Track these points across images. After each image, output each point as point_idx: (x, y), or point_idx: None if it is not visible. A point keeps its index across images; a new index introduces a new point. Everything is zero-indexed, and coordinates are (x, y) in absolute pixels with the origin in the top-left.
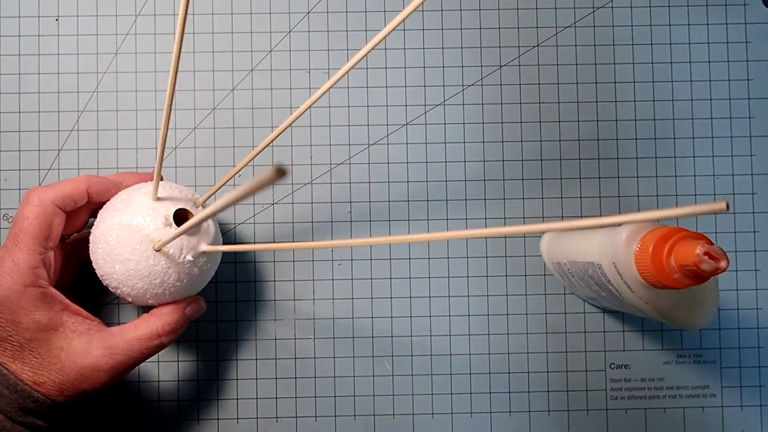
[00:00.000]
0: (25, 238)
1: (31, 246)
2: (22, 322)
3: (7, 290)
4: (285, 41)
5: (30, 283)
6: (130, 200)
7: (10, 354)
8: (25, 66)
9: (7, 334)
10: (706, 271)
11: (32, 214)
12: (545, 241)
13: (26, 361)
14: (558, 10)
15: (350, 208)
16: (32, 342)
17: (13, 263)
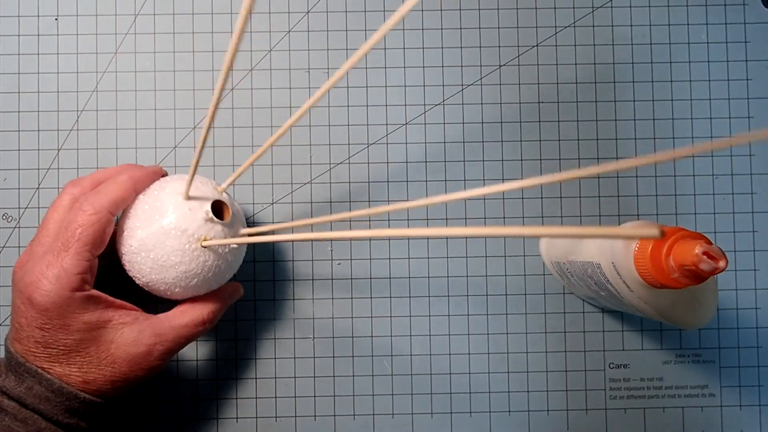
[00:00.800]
0: (77, 245)
1: (82, 254)
2: (72, 325)
3: (55, 296)
4: (284, 41)
5: (77, 288)
6: (162, 203)
7: (54, 358)
8: (25, 65)
9: (52, 340)
10: (705, 270)
11: (87, 222)
12: (544, 240)
13: (73, 363)
14: (557, 9)
15: (350, 208)
16: (82, 343)
17: (62, 269)
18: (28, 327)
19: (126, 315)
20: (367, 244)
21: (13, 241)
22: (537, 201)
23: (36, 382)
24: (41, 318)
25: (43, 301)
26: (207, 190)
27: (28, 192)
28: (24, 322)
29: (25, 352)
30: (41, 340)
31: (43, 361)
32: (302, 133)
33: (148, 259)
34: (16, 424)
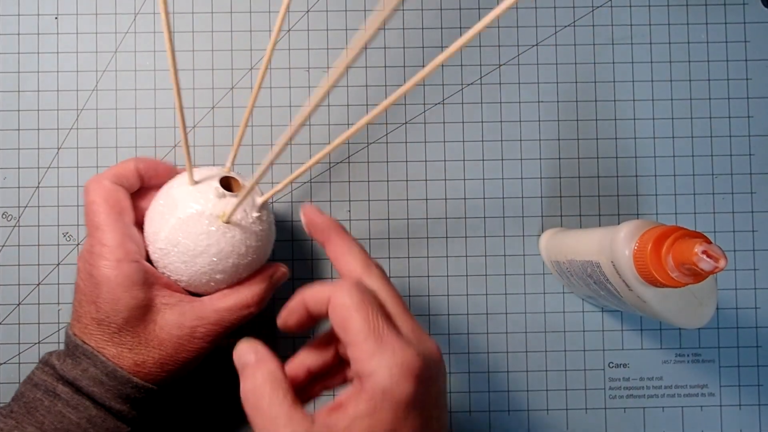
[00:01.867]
0: (99, 218)
1: (109, 223)
2: (121, 298)
3: (104, 270)
4: (284, 40)
5: (123, 257)
6: (173, 198)
7: (108, 337)
8: (24, 64)
9: (105, 316)
10: (705, 270)
11: (96, 197)
12: (544, 240)
13: (125, 343)
14: (557, 9)
15: (349, 207)
16: (129, 321)
17: (101, 244)
18: (86, 303)
19: (170, 296)
20: (366, 244)
21: (13, 240)
22: (537, 200)
23: (91, 364)
24: (95, 292)
25: (95, 275)
26: (214, 172)
27: (27, 191)
28: (83, 299)
29: (83, 332)
30: (96, 316)
31: (98, 341)
32: (302, 133)
33: (178, 254)
34: (68, 410)
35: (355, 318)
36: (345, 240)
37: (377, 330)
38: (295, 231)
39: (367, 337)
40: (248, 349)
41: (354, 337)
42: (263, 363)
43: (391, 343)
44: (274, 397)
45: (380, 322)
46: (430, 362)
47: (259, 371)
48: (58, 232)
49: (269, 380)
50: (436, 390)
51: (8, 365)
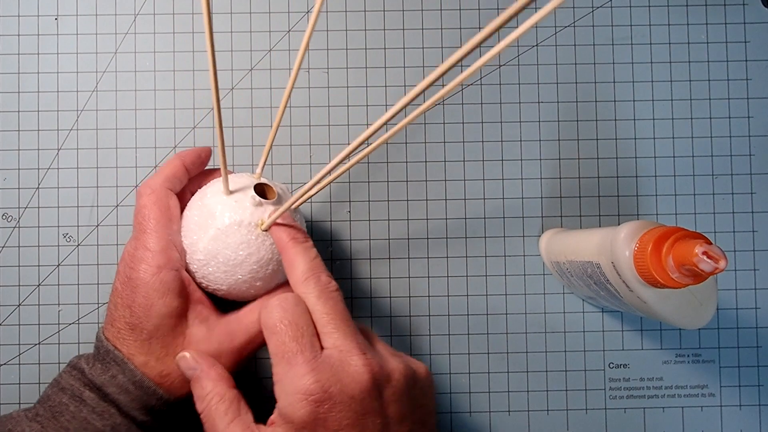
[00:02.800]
0: (148, 223)
1: (157, 229)
2: (155, 305)
3: (143, 274)
4: (284, 40)
5: (164, 264)
6: (208, 208)
7: (139, 344)
8: (24, 65)
9: (138, 321)
10: (705, 270)
11: (149, 201)
12: (544, 240)
13: (153, 352)
14: (557, 9)
15: (349, 208)
16: (159, 329)
17: (145, 249)
18: (121, 306)
19: (201, 310)
20: (366, 245)
21: (13, 241)
22: (537, 201)
23: (120, 371)
24: (131, 295)
25: (133, 278)
26: (245, 181)
27: (28, 192)
28: (119, 302)
29: (115, 336)
30: (129, 321)
31: (130, 346)
32: (302, 133)
33: (218, 264)
34: (93, 416)
35: (271, 340)
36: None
37: (287, 354)
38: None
39: (279, 361)
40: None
41: (272, 359)
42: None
43: (296, 368)
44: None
45: (293, 345)
46: (342, 384)
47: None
48: (59, 233)
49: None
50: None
51: (8, 366)
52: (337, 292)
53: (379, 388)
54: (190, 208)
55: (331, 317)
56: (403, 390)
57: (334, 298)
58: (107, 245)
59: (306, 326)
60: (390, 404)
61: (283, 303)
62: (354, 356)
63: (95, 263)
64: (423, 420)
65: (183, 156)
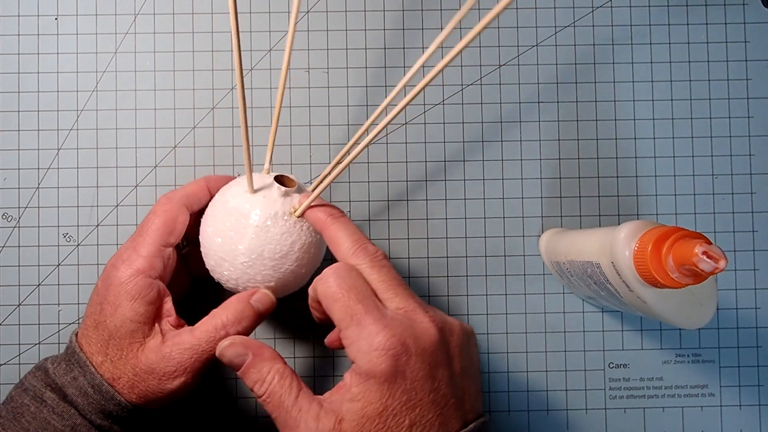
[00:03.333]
0: (149, 229)
1: (154, 237)
2: (122, 305)
3: (121, 273)
4: (284, 40)
5: (143, 270)
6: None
7: (101, 343)
8: (25, 65)
9: (103, 318)
10: (705, 270)
11: (160, 210)
12: (544, 240)
13: (109, 353)
14: (557, 9)
15: (349, 208)
16: (119, 330)
17: (133, 250)
18: (95, 303)
19: (165, 323)
20: None
21: (13, 241)
22: (537, 201)
23: (81, 374)
24: (105, 293)
25: (111, 276)
26: (260, 178)
27: (27, 191)
28: (94, 299)
29: (82, 334)
30: (97, 318)
31: (92, 344)
32: (302, 133)
33: (265, 260)
34: (53, 417)
35: (335, 307)
36: (336, 228)
37: (355, 316)
38: None
39: (348, 324)
40: (241, 349)
41: (338, 325)
42: (262, 359)
43: (368, 328)
44: (283, 389)
45: (359, 307)
46: (415, 337)
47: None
48: (59, 233)
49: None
50: (430, 362)
51: (8, 366)
52: (386, 259)
53: (445, 341)
54: (213, 219)
55: (388, 284)
56: (463, 344)
57: (386, 265)
58: (107, 245)
59: (366, 289)
60: (454, 357)
61: (337, 271)
62: (419, 314)
63: (95, 263)
64: (475, 375)
65: (209, 178)
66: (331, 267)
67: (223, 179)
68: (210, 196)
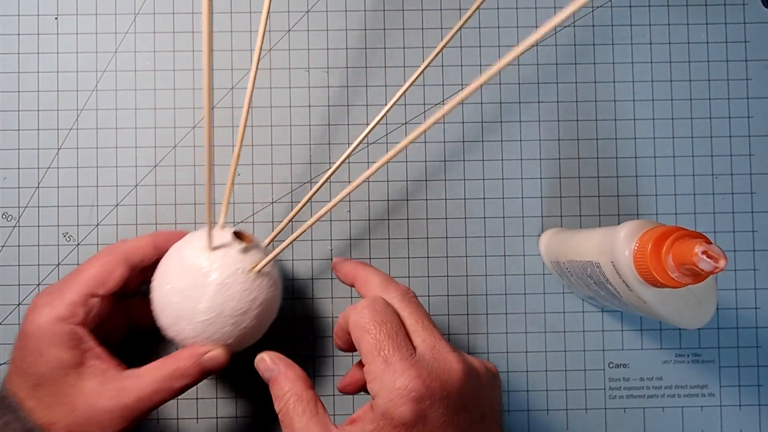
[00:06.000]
0: (80, 277)
1: (83, 285)
2: (44, 353)
3: (41, 322)
4: (284, 40)
5: (64, 317)
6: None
7: (29, 388)
8: (24, 64)
9: (28, 365)
10: (705, 270)
11: (97, 261)
12: (544, 240)
13: (41, 398)
14: (557, 9)
15: (349, 207)
16: (49, 378)
17: (58, 295)
18: (17, 348)
19: (98, 365)
20: (366, 244)
21: (13, 241)
22: (537, 201)
23: (13, 419)
24: (24, 340)
25: (30, 321)
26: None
27: (27, 191)
28: (17, 344)
29: (9, 380)
30: (21, 365)
31: (21, 389)
32: (302, 133)
33: (225, 318)
34: None
35: (365, 338)
36: (367, 271)
37: (383, 351)
38: None
39: (374, 358)
40: (270, 364)
41: (364, 358)
42: (284, 377)
43: (394, 366)
44: (295, 411)
45: (389, 343)
46: (441, 381)
47: (284, 386)
48: (58, 232)
49: (292, 394)
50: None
51: None
52: (415, 295)
53: (470, 385)
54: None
55: (418, 317)
56: (487, 388)
57: (415, 301)
58: (107, 245)
59: (398, 326)
60: (478, 402)
61: (373, 304)
62: (447, 353)
63: None
64: (498, 419)
65: (156, 236)
66: (366, 299)
67: (172, 236)
68: (155, 252)
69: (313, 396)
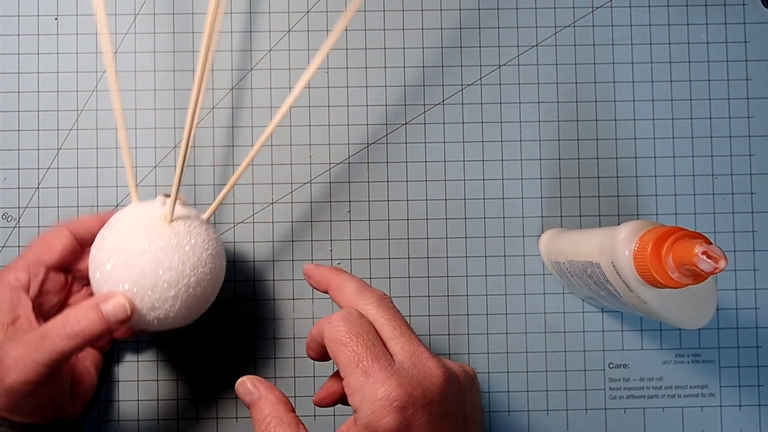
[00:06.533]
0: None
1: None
2: None
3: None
4: (284, 40)
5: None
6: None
7: None
8: (24, 65)
9: None
10: (705, 270)
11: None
12: (544, 240)
13: None
14: (557, 9)
15: (349, 208)
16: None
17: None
18: None
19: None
20: (366, 245)
21: (13, 241)
22: (537, 201)
23: None
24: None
25: None
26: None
27: (27, 191)
28: None
29: None
30: None
31: None
32: (302, 133)
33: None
34: None
35: (342, 352)
36: (341, 277)
37: (362, 363)
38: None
39: (353, 371)
40: (251, 388)
41: (343, 371)
42: (265, 400)
43: (374, 376)
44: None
45: (367, 354)
46: (422, 387)
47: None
48: None
49: (273, 417)
50: (436, 414)
51: None
52: (392, 301)
53: (452, 390)
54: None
55: (395, 323)
56: (466, 392)
57: (392, 307)
58: None
59: (374, 336)
60: (459, 406)
61: (348, 316)
62: (426, 360)
63: None
64: (479, 422)
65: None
66: (341, 311)
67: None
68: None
69: (295, 418)
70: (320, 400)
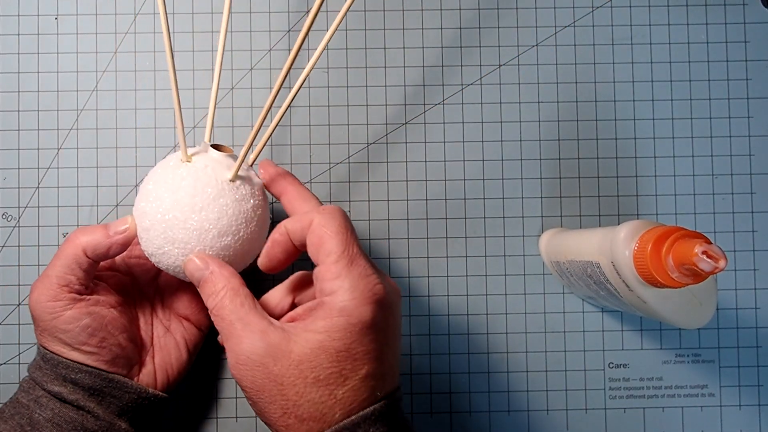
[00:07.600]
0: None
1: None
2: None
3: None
4: (284, 40)
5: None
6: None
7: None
8: (24, 65)
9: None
10: (705, 270)
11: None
12: (544, 240)
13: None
14: (557, 9)
15: (349, 207)
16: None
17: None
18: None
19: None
20: (366, 245)
21: (13, 241)
22: (537, 201)
23: (37, 354)
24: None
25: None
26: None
27: (28, 191)
28: None
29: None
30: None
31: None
32: (302, 133)
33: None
34: (21, 395)
35: (332, 239)
36: (298, 188)
37: (350, 255)
38: None
39: (339, 258)
40: (200, 264)
41: (325, 257)
42: (219, 275)
43: (359, 269)
44: (233, 305)
45: (354, 247)
46: (391, 293)
47: (218, 282)
48: (58, 232)
49: (228, 289)
50: (394, 320)
51: (8, 365)
52: None
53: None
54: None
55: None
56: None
57: None
58: None
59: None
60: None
61: (341, 211)
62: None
63: None
64: (399, 335)
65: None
66: (331, 206)
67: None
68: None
69: (250, 294)
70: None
